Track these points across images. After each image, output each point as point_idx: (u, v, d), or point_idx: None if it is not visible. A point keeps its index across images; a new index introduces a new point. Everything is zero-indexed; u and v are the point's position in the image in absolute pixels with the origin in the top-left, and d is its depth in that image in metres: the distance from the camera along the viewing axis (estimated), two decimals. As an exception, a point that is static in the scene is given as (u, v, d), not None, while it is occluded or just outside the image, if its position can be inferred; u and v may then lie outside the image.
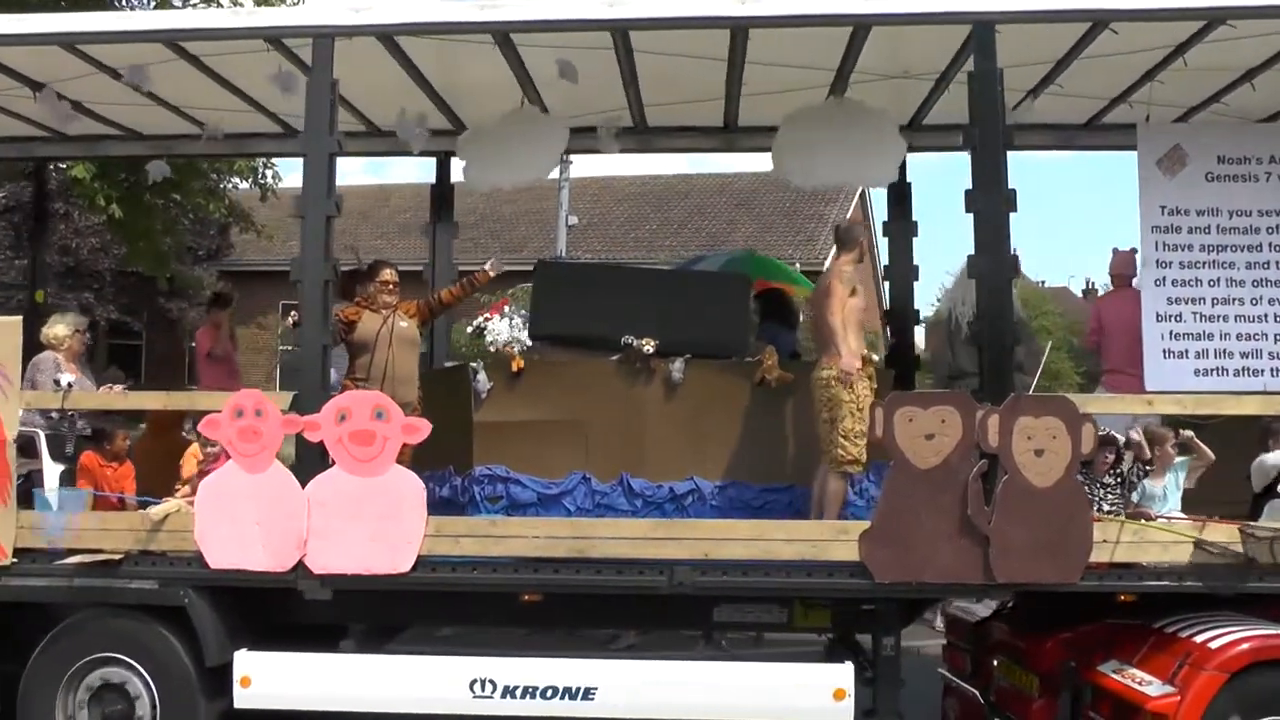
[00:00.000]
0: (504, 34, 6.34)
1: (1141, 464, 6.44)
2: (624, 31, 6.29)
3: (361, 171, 72.73)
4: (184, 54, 6.78)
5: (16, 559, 6.18)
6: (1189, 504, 6.52)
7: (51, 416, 6.72)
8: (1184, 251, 7.01)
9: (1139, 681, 5.85)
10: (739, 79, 7.05)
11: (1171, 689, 5.69)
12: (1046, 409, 5.83)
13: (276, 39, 6.49)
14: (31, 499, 6.32)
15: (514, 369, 6.60)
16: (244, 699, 6.04)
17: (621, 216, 28.47)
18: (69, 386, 6.35)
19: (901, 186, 8.14)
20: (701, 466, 6.54)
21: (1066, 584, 5.78)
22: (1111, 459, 6.44)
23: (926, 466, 5.81)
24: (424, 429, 5.88)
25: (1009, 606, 6.88)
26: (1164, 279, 7.00)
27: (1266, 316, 6.97)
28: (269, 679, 6.03)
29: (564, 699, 5.79)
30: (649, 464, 6.52)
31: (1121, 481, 6.43)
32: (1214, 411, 6.17)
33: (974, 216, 5.92)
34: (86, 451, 6.76)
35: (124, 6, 16.82)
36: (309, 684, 6.01)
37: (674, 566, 5.76)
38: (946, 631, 7.67)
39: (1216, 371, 6.93)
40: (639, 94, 7.34)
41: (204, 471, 6.55)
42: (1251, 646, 5.68)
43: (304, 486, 5.90)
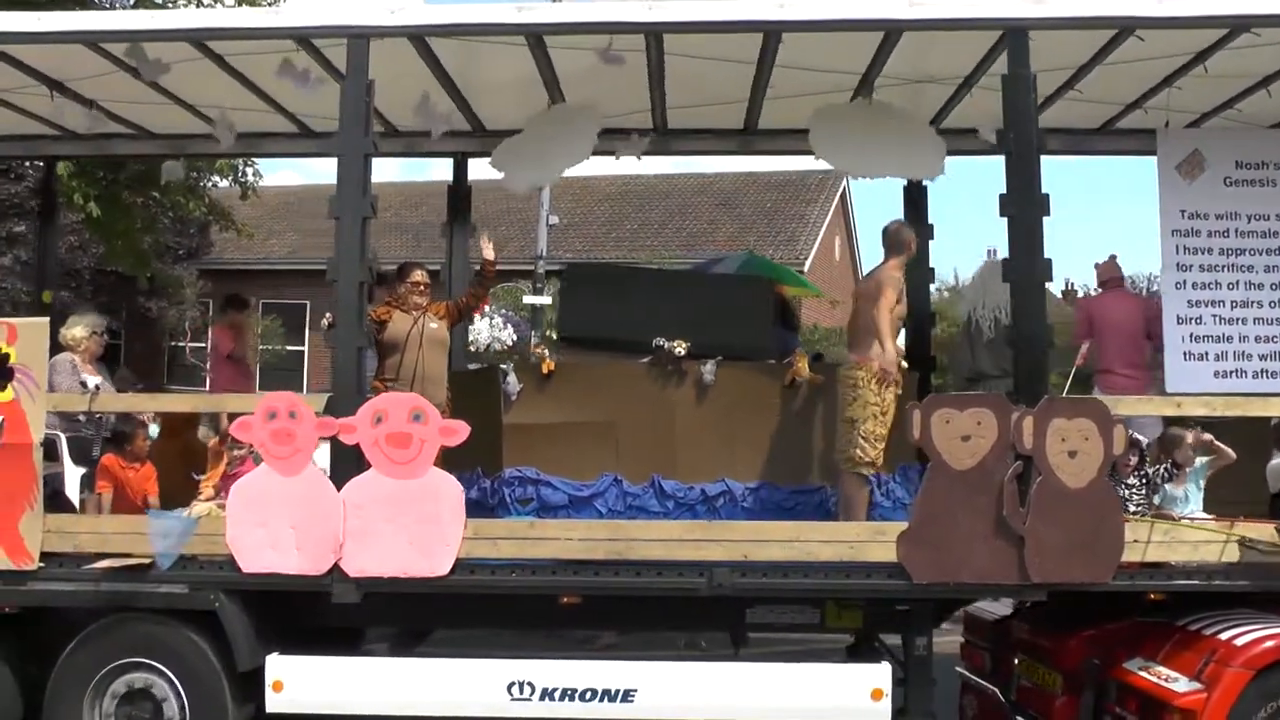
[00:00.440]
0: (538, 36, 6.33)
1: (1167, 467, 6.51)
2: (659, 34, 6.29)
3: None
4: (209, 53, 6.75)
5: (43, 563, 6.12)
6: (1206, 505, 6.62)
7: (78, 419, 6.64)
8: (1203, 255, 7.12)
9: (1165, 679, 5.93)
10: (766, 82, 7.07)
11: (1198, 685, 5.78)
12: (1079, 411, 5.90)
13: (306, 39, 6.47)
14: (57, 502, 6.25)
15: (544, 371, 6.59)
16: (276, 704, 6.00)
17: (603, 216, 28.47)
18: (96, 389, 6.28)
19: (916, 189, 8.20)
20: (732, 468, 6.55)
21: (1099, 583, 5.85)
22: (1135, 461, 6.52)
23: (963, 468, 5.86)
24: (462, 431, 5.86)
25: (1027, 605, 6.95)
26: (1184, 282, 7.10)
27: None
28: (302, 683, 5.99)
29: (604, 701, 5.79)
30: (680, 465, 6.53)
31: (1146, 483, 6.51)
32: (1241, 413, 6.25)
33: (1008, 221, 5.97)
34: (107, 453, 6.68)
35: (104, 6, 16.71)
36: (343, 688, 5.98)
37: (713, 568, 5.78)
38: (964, 630, 7.72)
39: (1236, 373, 7.04)
40: (664, 96, 7.34)
41: (233, 474, 6.51)
42: (1277, 644, 5.79)
43: (339, 489, 5.87)
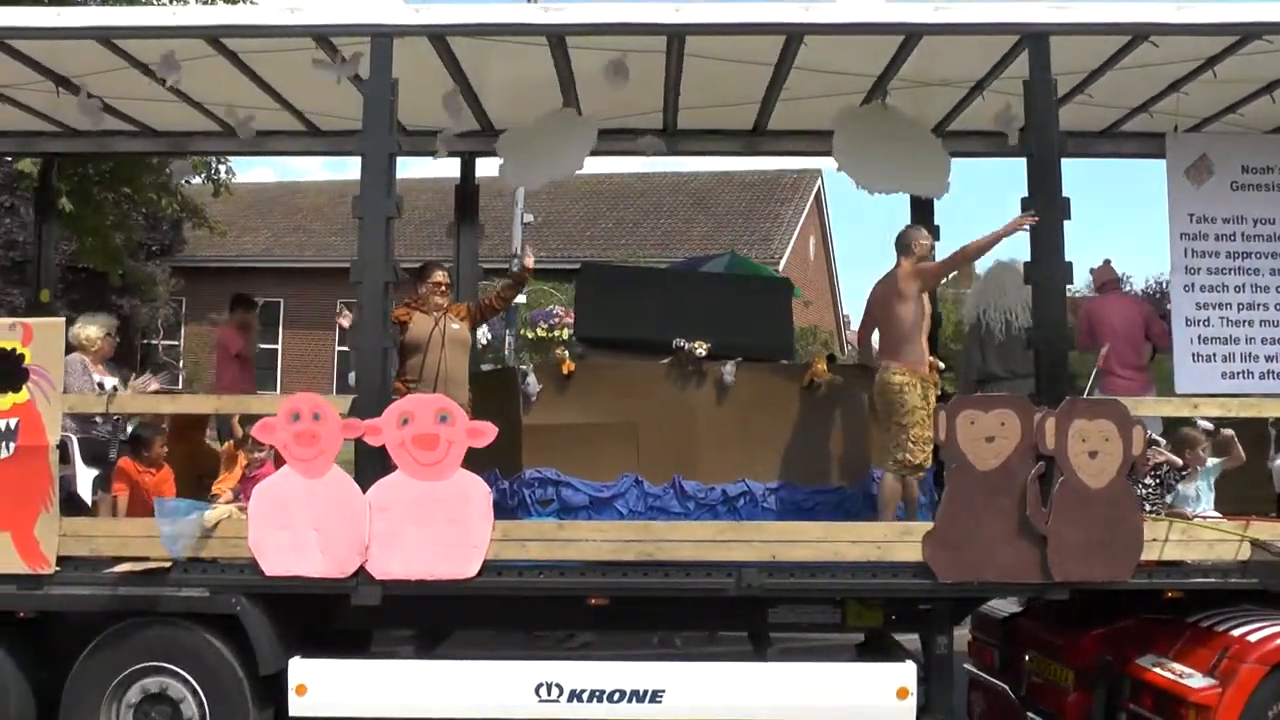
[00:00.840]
0: (560, 36, 6.32)
1: (1177, 468, 6.60)
2: (682, 36, 6.30)
3: (321, 168, 71.50)
4: (223, 50, 6.68)
5: (60, 567, 6.04)
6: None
7: (96, 421, 6.55)
8: (1211, 258, 7.24)
9: (1180, 674, 6.02)
10: (781, 84, 7.09)
11: (1213, 681, 5.87)
12: (1099, 412, 5.98)
13: (324, 37, 6.42)
14: (72, 505, 6.17)
15: (564, 372, 6.58)
16: (299, 708, 5.94)
17: (578, 215, 28.43)
18: (114, 390, 6.19)
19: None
20: (752, 468, 6.58)
21: (1119, 582, 5.93)
22: (1152, 461, 6.61)
23: (987, 468, 5.92)
24: (489, 433, 5.83)
25: (1042, 603, 7.02)
26: (1192, 284, 7.22)
27: None
28: (326, 687, 5.95)
29: (631, 701, 5.79)
30: (700, 466, 6.54)
31: (1160, 482, 6.60)
32: (1256, 414, 6.35)
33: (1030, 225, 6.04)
34: (124, 456, 6.59)
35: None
36: (368, 691, 5.93)
37: (741, 569, 5.80)
38: (973, 628, 7.79)
39: (1242, 374, 7.16)
40: (678, 97, 7.35)
41: (252, 477, 6.45)
42: (1291, 641, 5.90)
43: (365, 492, 5.83)
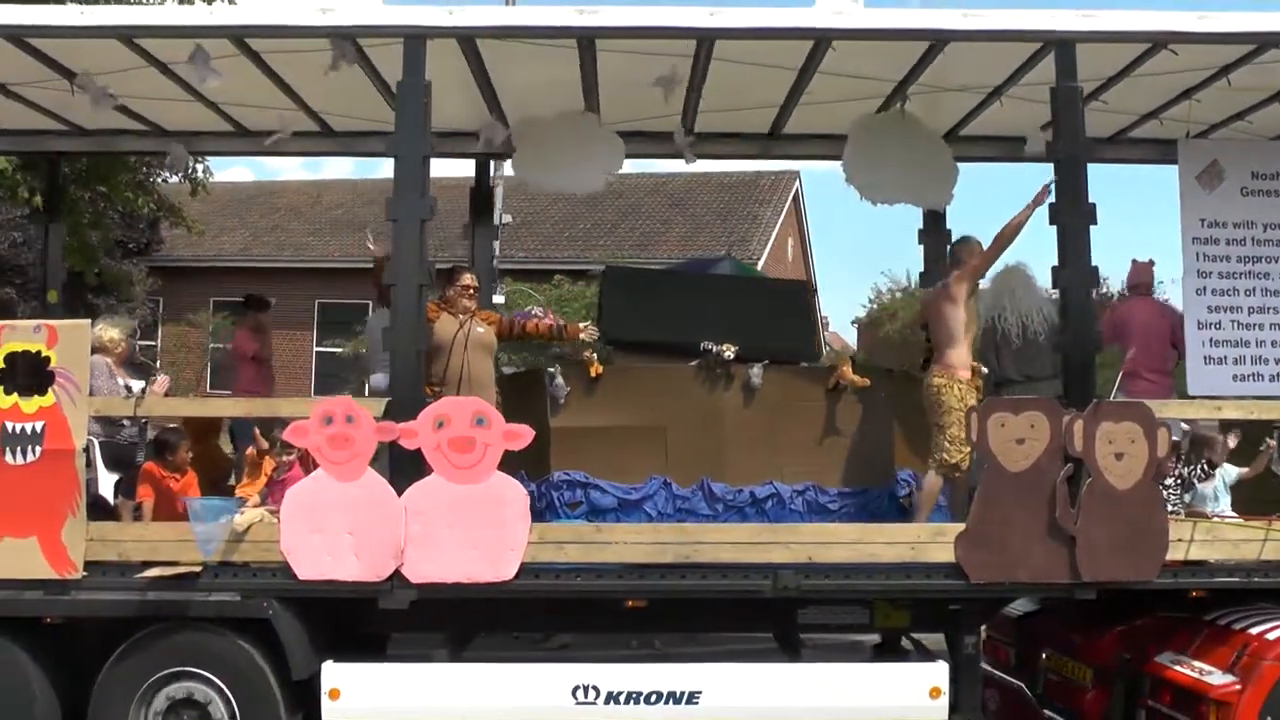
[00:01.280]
0: (590, 39, 6.33)
1: (1202, 466, 6.71)
2: (712, 40, 6.33)
3: (299, 168, 70.90)
4: (246, 50, 6.64)
5: (87, 572, 5.97)
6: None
7: (123, 425, 6.48)
8: (1222, 262, 7.36)
9: (1200, 672, 6.12)
10: (804, 88, 7.14)
11: (1232, 678, 5.96)
12: (1126, 415, 6.07)
13: (352, 38, 6.39)
14: (97, 509, 6.11)
15: (592, 374, 6.59)
16: (332, 712, 5.90)
17: (555, 216, 28.36)
18: (142, 393, 6.14)
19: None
20: (779, 470, 6.61)
21: (1146, 581, 6.02)
22: (1175, 461, 6.72)
23: (1017, 470, 5.99)
24: (526, 435, 5.83)
25: (1051, 601, 7.11)
26: (1204, 288, 7.33)
27: None
28: (360, 691, 5.92)
29: (669, 703, 5.81)
30: (728, 468, 6.57)
31: (1181, 482, 6.71)
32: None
33: (1057, 230, 6.12)
34: (149, 461, 6.53)
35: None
36: (403, 695, 5.91)
37: (778, 570, 5.84)
38: (988, 627, 7.87)
39: (1253, 377, 7.28)
40: (699, 101, 7.37)
41: (280, 481, 6.41)
42: (1310, 639, 6.02)
43: (399, 495, 5.81)
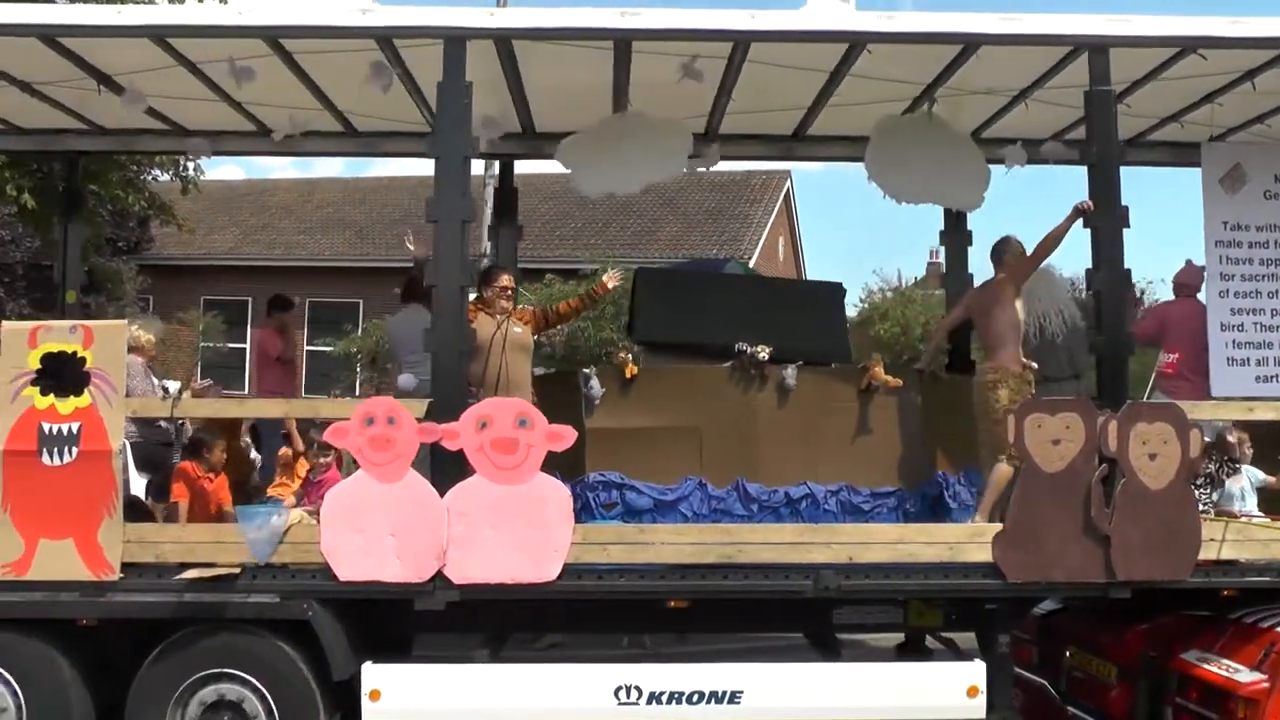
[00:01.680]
0: (627, 41, 6.34)
1: (1228, 464, 6.79)
2: (749, 43, 6.35)
3: (289, 166, 70.36)
4: (279, 50, 6.62)
5: (123, 574, 5.95)
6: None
7: (160, 425, 6.45)
8: (1245, 265, 7.45)
9: (1228, 669, 6.19)
10: (832, 91, 7.18)
11: (1261, 675, 6.01)
12: (1159, 415, 6.14)
13: (388, 39, 6.39)
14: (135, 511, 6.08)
15: (627, 375, 6.60)
16: (373, 712, 5.89)
17: (546, 215, 28.31)
18: (180, 394, 6.11)
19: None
20: (813, 471, 6.64)
21: (1179, 581, 6.08)
22: (1205, 462, 6.80)
23: (1053, 470, 6.05)
24: (569, 436, 5.85)
25: (1074, 599, 7.17)
26: (1227, 290, 7.42)
27: None
28: (401, 692, 5.91)
29: (710, 703, 5.83)
30: (763, 469, 6.60)
31: (1210, 481, 6.78)
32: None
33: (1091, 232, 6.19)
34: (183, 461, 6.51)
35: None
36: (444, 696, 5.91)
37: (819, 571, 5.88)
38: (1010, 625, 7.93)
39: (1275, 379, 7.38)
40: (727, 103, 7.40)
41: (317, 482, 6.40)
42: (1337, 637, 6.10)
43: (442, 496, 5.82)
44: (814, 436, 6.69)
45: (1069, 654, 7.23)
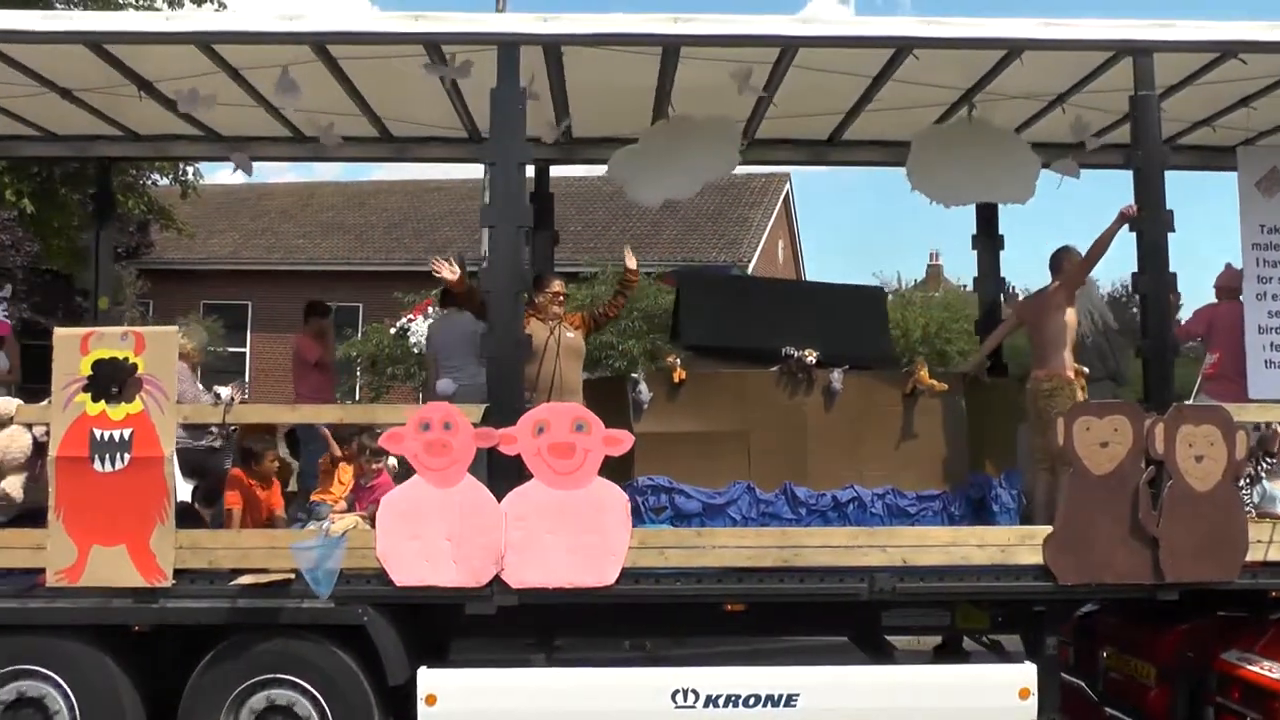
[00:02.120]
0: (677, 47, 6.37)
1: (1269, 463, 6.85)
2: (796, 48, 6.38)
3: (289, 170, 70.17)
4: (325, 57, 6.63)
5: (176, 580, 5.95)
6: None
7: (211, 431, 6.45)
8: (1282, 268, 7.51)
9: (1269, 669, 6.26)
10: (873, 95, 7.22)
11: None
12: (1205, 418, 6.21)
13: (437, 45, 6.40)
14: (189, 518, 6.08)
15: (675, 380, 6.63)
16: (429, 717, 5.91)
17: (546, 218, 28.33)
18: (231, 400, 6.11)
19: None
20: (859, 474, 6.67)
21: (1227, 582, 6.14)
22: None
23: (1101, 473, 6.11)
24: (627, 441, 5.88)
25: (1108, 600, 7.22)
26: (1264, 293, 7.48)
27: None
28: (457, 696, 5.93)
29: (766, 706, 5.87)
30: (810, 472, 6.62)
31: (1251, 481, 6.84)
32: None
33: (1136, 236, 6.25)
34: (235, 468, 6.50)
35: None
36: (501, 700, 5.93)
37: (874, 573, 5.92)
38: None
39: (1313, 381, 7.43)
40: (768, 107, 7.43)
41: (369, 487, 6.40)
42: (1381, 636, 6.18)
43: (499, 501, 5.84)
44: (860, 440, 6.72)
45: (1105, 655, 7.29)
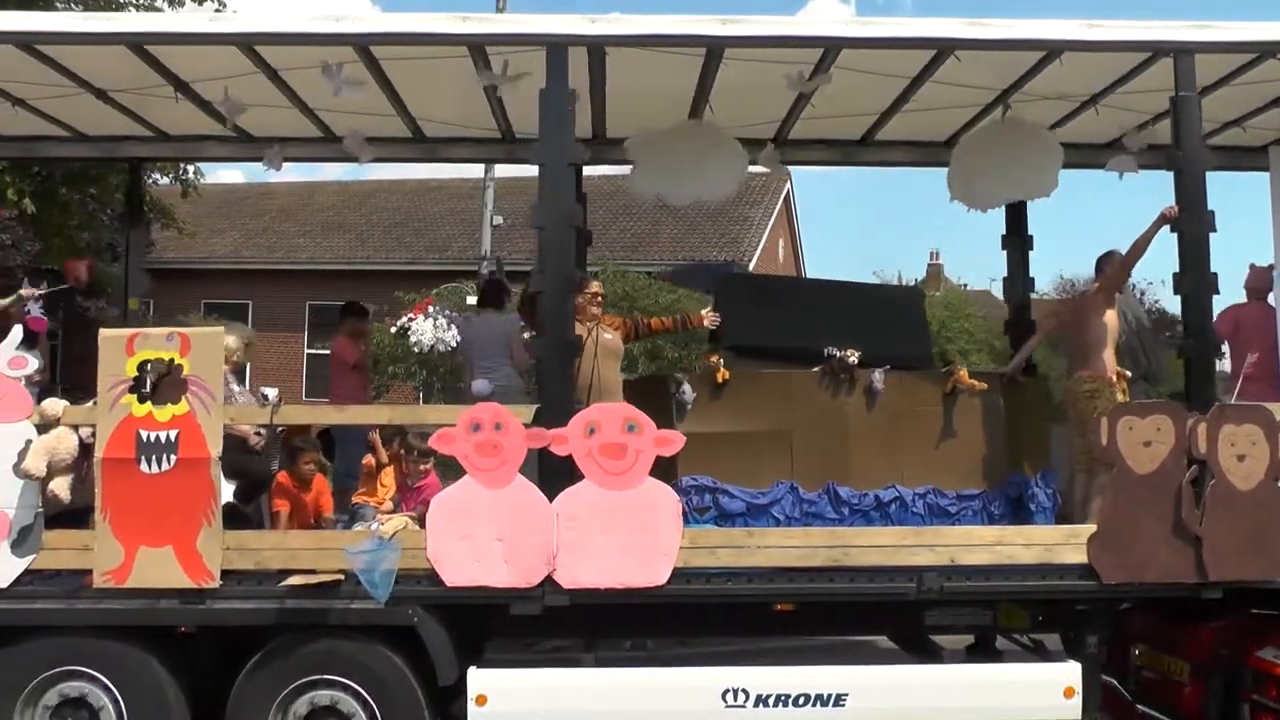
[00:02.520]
0: (721, 48, 6.39)
1: None
2: (839, 49, 6.41)
3: (289, 169, 69.76)
4: (368, 58, 6.63)
5: (223, 581, 5.94)
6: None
7: (259, 433, 6.44)
8: (1314, 267, 7.56)
9: None
10: (910, 96, 7.25)
11: None
12: (1246, 418, 6.24)
13: (481, 46, 6.41)
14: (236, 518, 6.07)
15: (719, 380, 6.65)
16: (480, 717, 5.92)
17: (546, 217, 28.32)
18: (279, 401, 6.10)
19: (1017, 202, 8.46)
20: (899, 474, 6.70)
21: (1271, 580, 6.18)
22: None
23: (1144, 472, 6.15)
24: (678, 442, 5.89)
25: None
26: (1298, 293, 7.53)
27: None
28: (507, 696, 5.93)
29: (816, 705, 5.88)
30: (852, 472, 6.66)
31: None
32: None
33: (1178, 237, 6.29)
34: (281, 471, 6.50)
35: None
36: (551, 700, 5.94)
37: (923, 573, 5.95)
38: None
39: (1341, 382, 7.49)
40: (804, 107, 7.45)
41: (416, 488, 6.41)
42: None
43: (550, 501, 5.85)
44: (900, 439, 6.75)
45: (1137, 652, 7.32)
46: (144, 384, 5.96)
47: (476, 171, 22.47)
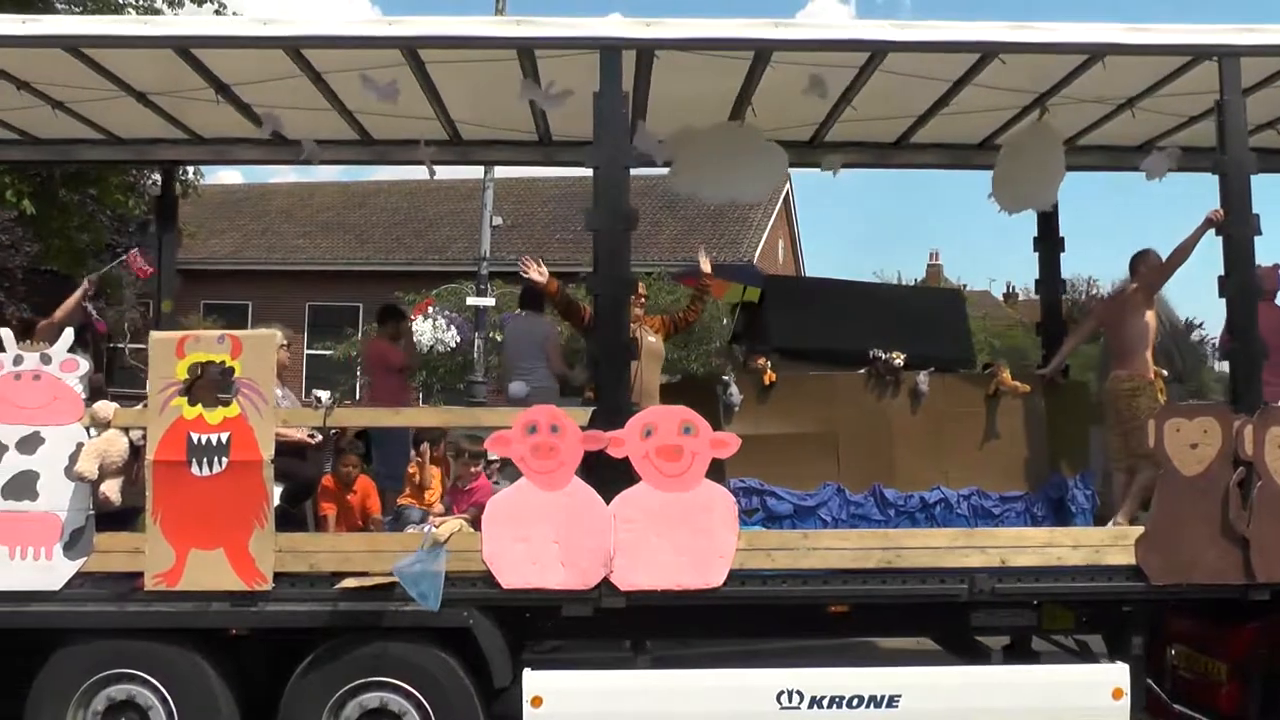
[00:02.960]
0: (770, 51, 6.41)
1: None
2: (885, 52, 6.43)
3: (289, 170, 69.44)
4: (414, 60, 6.63)
5: (275, 583, 5.94)
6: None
7: (314, 435, 6.43)
8: (1340, 269, 7.62)
9: None
10: (950, 99, 7.29)
11: None
12: (1294, 419, 6.30)
13: (530, 50, 6.42)
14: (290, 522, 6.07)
15: (765, 382, 6.67)
16: (535, 719, 5.94)
17: (546, 217, 28.34)
18: (333, 403, 6.10)
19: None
20: (944, 475, 6.75)
21: (1318, 582, 6.24)
22: None
23: (1192, 474, 6.20)
24: (733, 444, 5.91)
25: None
26: (1324, 295, 7.59)
27: None
28: (563, 698, 5.94)
29: (869, 707, 5.91)
30: (898, 474, 6.70)
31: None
32: None
33: (1223, 240, 6.34)
34: (326, 475, 6.49)
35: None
36: (606, 702, 5.96)
37: (974, 574, 5.98)
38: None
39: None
40: (844, 110, 7.48)
41: (467, 490, 6.41)
42: None
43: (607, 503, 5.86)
44: (944, 441, 6.80)
45: (1173, 652, 7.37)
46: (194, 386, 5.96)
47: (476, 172, 22.45)
